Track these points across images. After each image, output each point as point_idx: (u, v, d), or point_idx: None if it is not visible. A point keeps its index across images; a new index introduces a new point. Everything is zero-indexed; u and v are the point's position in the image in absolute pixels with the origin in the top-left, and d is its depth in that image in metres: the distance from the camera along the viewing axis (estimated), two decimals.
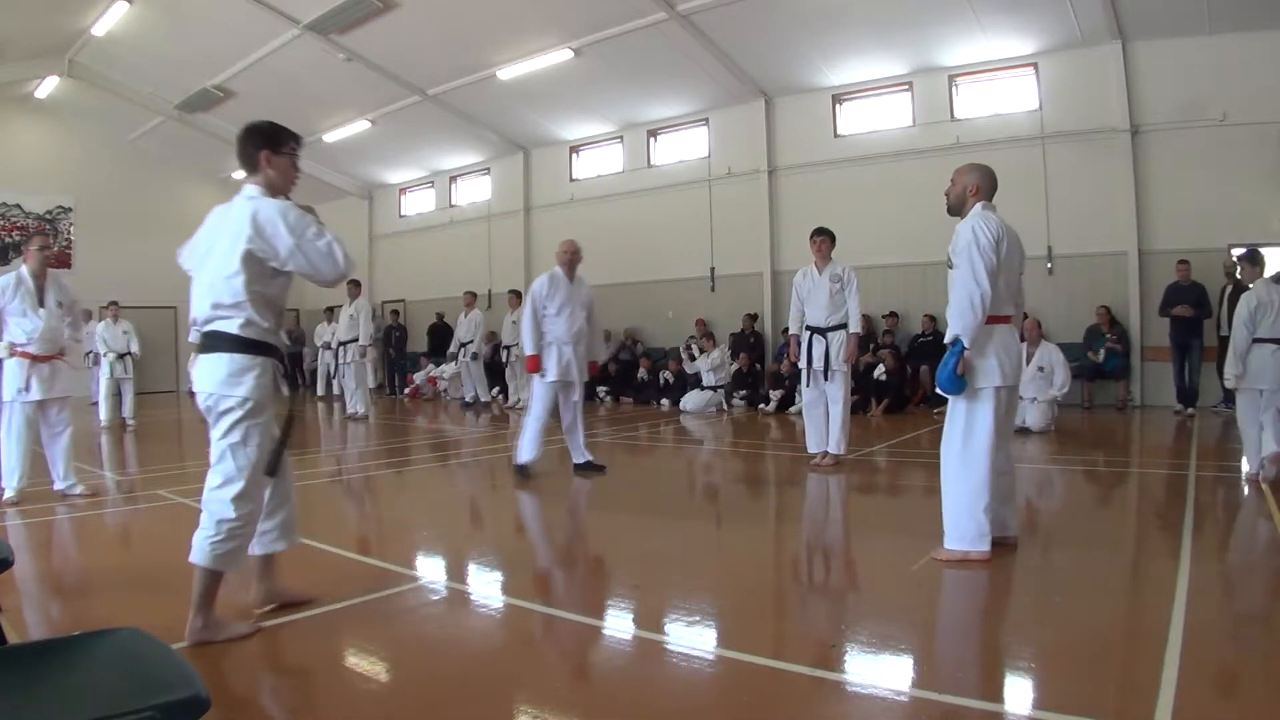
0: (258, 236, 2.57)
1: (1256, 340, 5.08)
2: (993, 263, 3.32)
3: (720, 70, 11.85)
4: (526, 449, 5.75)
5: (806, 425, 6.22)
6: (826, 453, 6.07)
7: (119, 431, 9.87)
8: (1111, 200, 10.11)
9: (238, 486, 2.59)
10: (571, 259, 5.91)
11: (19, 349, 5.13)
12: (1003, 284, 3.42)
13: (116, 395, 10.49)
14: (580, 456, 5.97)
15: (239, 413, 2.60)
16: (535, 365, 5.77)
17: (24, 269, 5.23)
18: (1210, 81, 9.42)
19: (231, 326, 2.60)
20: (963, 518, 3.36)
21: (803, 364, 6.10)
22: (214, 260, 2.63)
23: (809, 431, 6.17)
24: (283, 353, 2.79)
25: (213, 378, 2.61)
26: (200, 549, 2.58)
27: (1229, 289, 8.89)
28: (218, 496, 2.60)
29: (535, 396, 5.88)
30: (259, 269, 2.60)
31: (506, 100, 13.60)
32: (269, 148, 2.74)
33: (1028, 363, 7.93)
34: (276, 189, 2.75)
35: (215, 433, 2.64)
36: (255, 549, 2.83)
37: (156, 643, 1.33)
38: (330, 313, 14.48)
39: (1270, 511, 4.34)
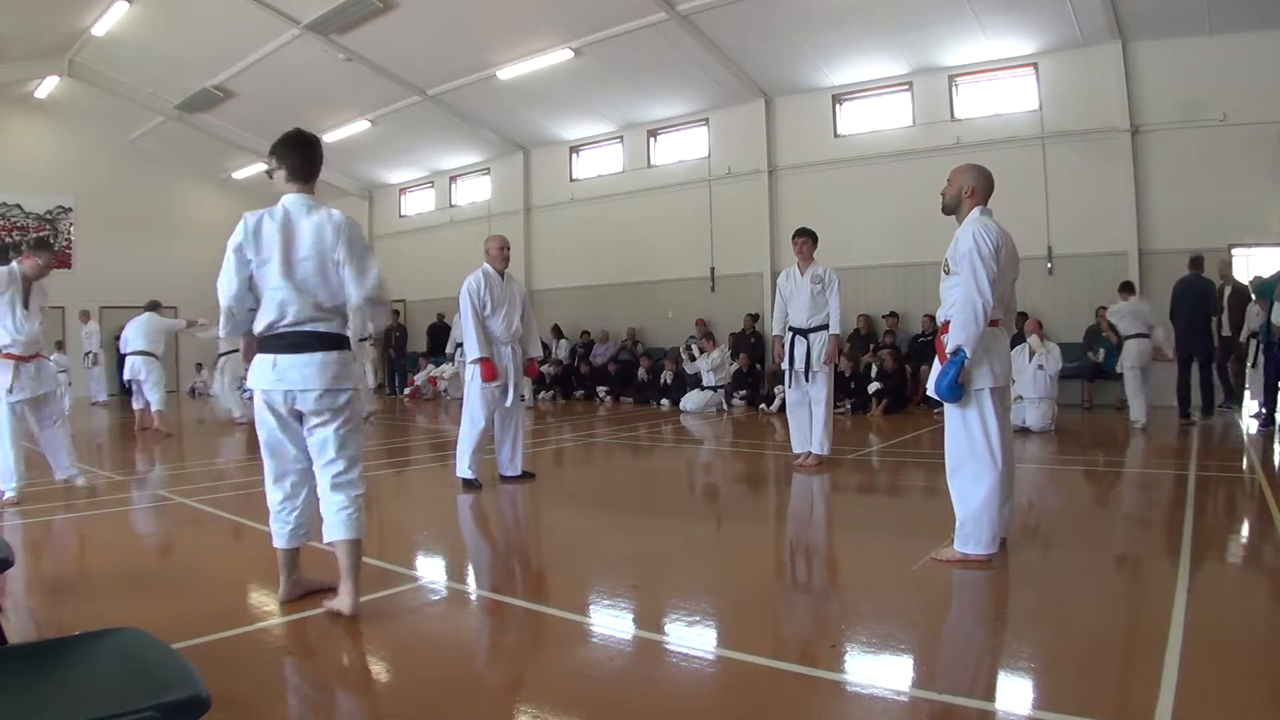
0: (331, 239, 2.81)
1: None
2: (994, 271, 3.33)
3: (720, 70, 11.86)
4: (464, 461, 5.42)
5: (790, 425, 6.24)
6: (810, 453, 6.08)
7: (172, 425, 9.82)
8: (1111, 200, 10.12)
9: (360, 464, 2.96)
10: (503, 255, 5.51)
11: (4, 350, 5.12)
12: (999, 291, 3.42)
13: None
14: (511, 470, 5.64)
15: (351, 402, 2.90)
16: (491, 372, 5.34)
17: (16, 267, 5.20)
18: (1210, 81, 9.43)
19: (332, 327, 2.87)
20: (981, 523, 3.36)
21: (785, 365, 6.11)
22: (309, 266, 2.80)
23: (793, 432, 6.19)
24: None
25: (323, 375, 2.82)
26: (348, 526, 2.87)
27: (1227, 290, 8.92)
28: (349, 478, 2.91)
29: (473, 401, 5.48)
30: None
31: (506, 100, 13.61)
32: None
33: (1029, 359, 7.93)
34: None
35: (329, 425, 2.86)
36: (287, 542, 2.98)
37: (156, 643, 1.33)
38: None
39: (1270, 511, 4.34)
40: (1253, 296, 8.29)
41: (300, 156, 2.92)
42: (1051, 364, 7.92)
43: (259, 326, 2.84)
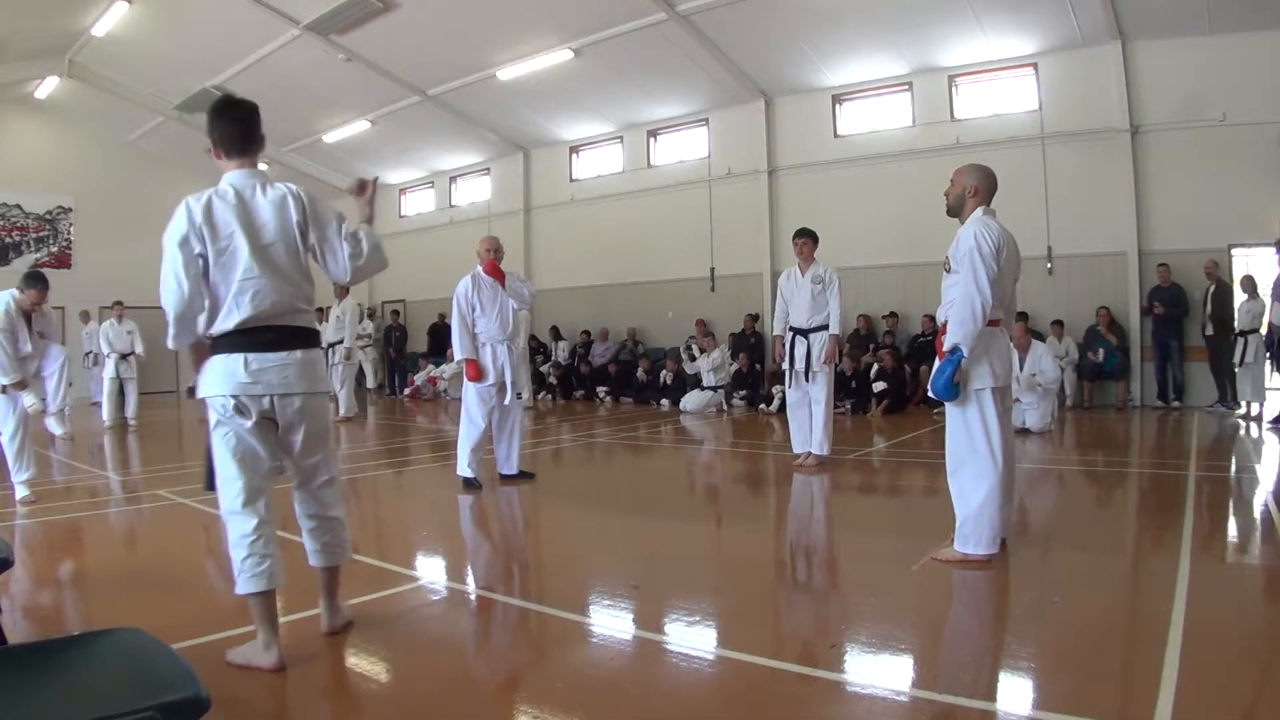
0: (298, 223, 2.50)
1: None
2: (994, 271, 3.33)
3: (720, 70, 11.85)
4: (463, 460, 5.47)
5: (791, 426, 6.24)
6: (810, 453, 6.08)
7: (121, 431, 9.87)
8: (1111, 200, 10.11)
9: (338, 481, 2.72)
10: (493, 254, 5.59)
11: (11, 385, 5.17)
12: (999, 291, 3.42)
13: (119, 395, 10.48)
14: (508, 469, 5.67)
15: (328, 406, 2.62)
16: (476, 372, 5.45)
17: (13, 302, 5.22)
18: (1210, 81, 9.42)
19: (310, 321, 2.56)
20: (981, 523, 3.36)
21: (785, 365, 6.11)
22: (279, 252, 2.46)
23: (793, 432, 6.19)
24: None
25: (306, 378, 2.49)
26: (340, 550, 2.70)
27: (1211, 290, 9.00)
28: (338, 495, 2.69)
29: (470, 401, 5.55)
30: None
31: (506, 100, 13.60)
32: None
33: (1021, 368, 7.86)
34: None
35: (316, 437, 2.55)
36: (268, 581, 2.43)
37: (156, 643, 1.33)
38: (321, 313, 14.48)
39: (1270, 511, 4.34)
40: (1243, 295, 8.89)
41: (229, 123, 2.51)
42: (1049, 372, 7.87)
43: (224, 324, 2.41)
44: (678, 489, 6.13)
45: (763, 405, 10.74)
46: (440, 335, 15.43)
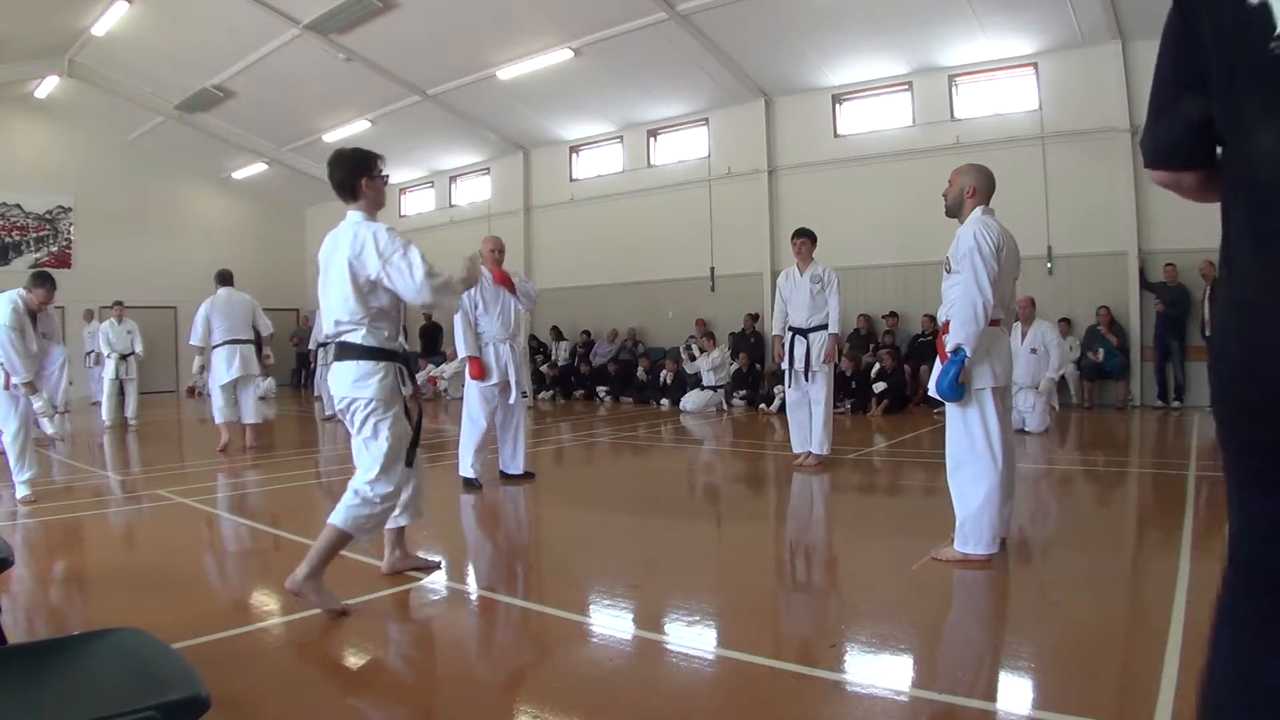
0: (354, 258, 2.93)
1: None
2: (994, 270, 3.33)
3: (720, 70, 11.85)
4: (466, 460, 5.46)
5: (790, 425, 6.23)
6: (810, 453, 6.08)
7: (121, 431, 9.87)
8: (1111, 200, 10.10)
9: (373, 472, 2.97)
10: (494, 256, 5.56)
11: (20, 383, 5.16)
12: (999, 290, 3.42)
13: (119, 395, 10.47)
14: (513, 468, 5.69)
15: (366, 410, 2.98)
16: (479, 370, 5.42)
17: (20, 301, 5.20)
18: None
19: (355, 338, 3.00)
20: (981, 522, 3.36)
21: (785, 365, 6.11)
22: (331, 284, 3.01)
23: (793, 432, 6.18)
24: (404, 355, 3.14)
25: (345, 383, 3.01)
26: (340, 512, 2.93)
27: (1208, 290, 9.02)
28: (360, 478, 2.99)
29: (472, 401, 5.51)
30: (365, 286, 2.94)
31: (506, 100, 13.60)
32: (366, 174, 3.06)
33: (1022, 340, 7.81)
34: (374, 210, 3.10)
35: (353, 430, 3.04)
36: (387, 523, 3.16)
37: (156, 643, 1.33)
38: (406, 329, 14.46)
39: None
40: None
41: (329, 176, 3.08)
42: (1054, 361, 7.83)
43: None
44: (678, 489, 6.13)
45: (763, 405, 10.74)
46: (430, 335, 15.44)
